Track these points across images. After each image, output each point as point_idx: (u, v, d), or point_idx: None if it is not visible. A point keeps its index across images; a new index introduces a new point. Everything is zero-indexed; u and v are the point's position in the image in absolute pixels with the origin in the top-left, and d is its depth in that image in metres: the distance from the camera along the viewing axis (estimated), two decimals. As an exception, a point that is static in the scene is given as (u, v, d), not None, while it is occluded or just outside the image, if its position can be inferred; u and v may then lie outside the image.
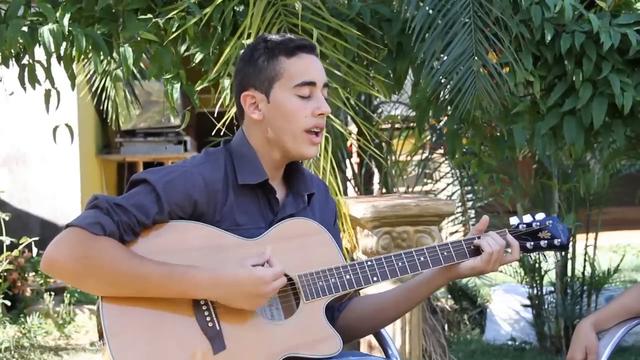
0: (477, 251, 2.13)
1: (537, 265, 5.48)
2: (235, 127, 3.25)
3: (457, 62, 3.14)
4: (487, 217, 2.19)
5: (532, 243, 2.18)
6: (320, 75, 2.07)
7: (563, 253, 5.35)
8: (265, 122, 2.05)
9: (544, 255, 2.27)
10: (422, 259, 2.10)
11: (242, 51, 2.15)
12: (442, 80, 3.21)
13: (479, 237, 2.14)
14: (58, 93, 3.37)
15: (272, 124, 2.05)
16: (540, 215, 2.21)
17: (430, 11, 3.17)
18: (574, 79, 3.23)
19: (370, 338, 3.23)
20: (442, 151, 5.96)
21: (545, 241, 2.19)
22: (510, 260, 2.16)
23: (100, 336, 1.89)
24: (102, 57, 3.34)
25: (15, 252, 5.85)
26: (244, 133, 2.10)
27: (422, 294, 2.19)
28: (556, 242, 2.19)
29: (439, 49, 3.16)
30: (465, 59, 3.14)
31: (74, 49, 3.19)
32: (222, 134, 3.22)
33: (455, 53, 3.13)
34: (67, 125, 3.49)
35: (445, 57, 3.19)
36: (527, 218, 2.21)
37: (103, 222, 1.87)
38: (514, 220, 2.21)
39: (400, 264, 2.08)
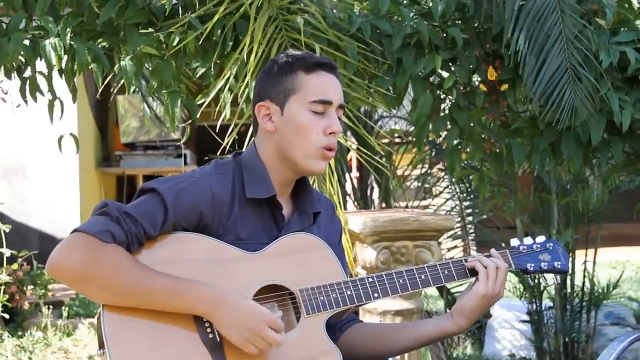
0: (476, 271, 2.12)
1: (536, 281, 5.48)
2: (236, 142, 3.26)
3: (554, 76, 3.16)
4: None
5: (532, 265, 2.19)
6: (337, 95, 2.07)
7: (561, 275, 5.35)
8: (277, 134, 2.06)
9: (544, 278, 2.27)
10: (422, 277, 2.10)
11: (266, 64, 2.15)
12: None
13: (466, 260, 2.13)
14: (62, 103, 3.38)
15: (283, 137, 2.05)
16: (540, 238, 2.22)
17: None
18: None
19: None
20: (441, 166, 5.97)
21: (546, 263, 2.19)
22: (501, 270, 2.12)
23: (100, 345, 1.89)
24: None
25: (14, 265, 5.86)
26: (255, 146, 2.11)
27: (427, 334, 2.13)
28: (556, 264, 2.19)
29: (537, 64, 3.20)
30: (561, 73, 3.16)
31: (76, 62, 3.20)
32: (225, 149, 3.23)
33: (552, 67, 3.16)
34: (72, 134, 3.49)
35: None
36: (528, 240, 2.21)
37: (113, 231, 1.88)
38: (514, 242, 2.21)
39: (401, 281, 2.08)
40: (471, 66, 3.38)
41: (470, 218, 6.07)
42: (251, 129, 2.18)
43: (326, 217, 2.19)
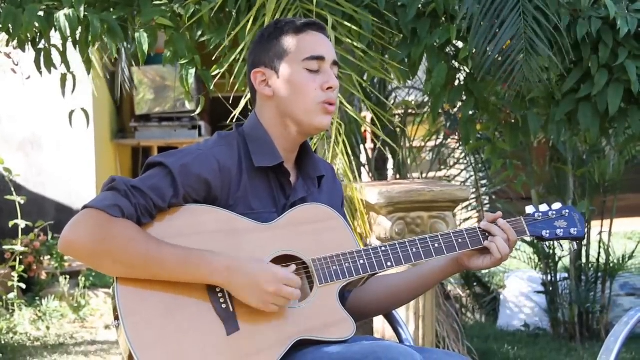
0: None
1: (551, 251, 5.47)
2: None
3: (509, 46, 3.15)
4: (500, 213, 2.19)
5: (548, 231, 2.18)
6: (328, 51, 2.09)
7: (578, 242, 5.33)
8: (276, 98, 2.08)
9: (561, 245, 2.27)
10: (436, 245, 2.10)
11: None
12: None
13: (485, 237, 2.13)
14: (74, 77, 3.39)
15: (283, 99, 2.07)
16: (556, 205, 2.21)
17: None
18: (589, 65, 3.21)
19: (384, 327, 3.24)
20: (456, 137, 5.94)
21: (562, 230, 2.18)
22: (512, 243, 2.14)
23: (115, 317, 1.92)
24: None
25: (31, 236, 5.90)
26: (256, 116, 2.12)
27: (434, 280, 2.21)
28: (573, 231, 2.18)
29: (490, 34, 3.18)
30: (516, 42, 3.14)
31: (90, 33, 3.20)
32: (236, 119, 3.22)
33: (507, 36, 3.15)
34: (83, 109, 3.51)
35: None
36: (544, 207, 2.20)
37: (121, 205, 1.89)
38: (530, 209, 2.21)
39: (414, 250, 2.09)
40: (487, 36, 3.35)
41: (485, 189, 6.05)
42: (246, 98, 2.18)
43: (328, 180, 2.21)
